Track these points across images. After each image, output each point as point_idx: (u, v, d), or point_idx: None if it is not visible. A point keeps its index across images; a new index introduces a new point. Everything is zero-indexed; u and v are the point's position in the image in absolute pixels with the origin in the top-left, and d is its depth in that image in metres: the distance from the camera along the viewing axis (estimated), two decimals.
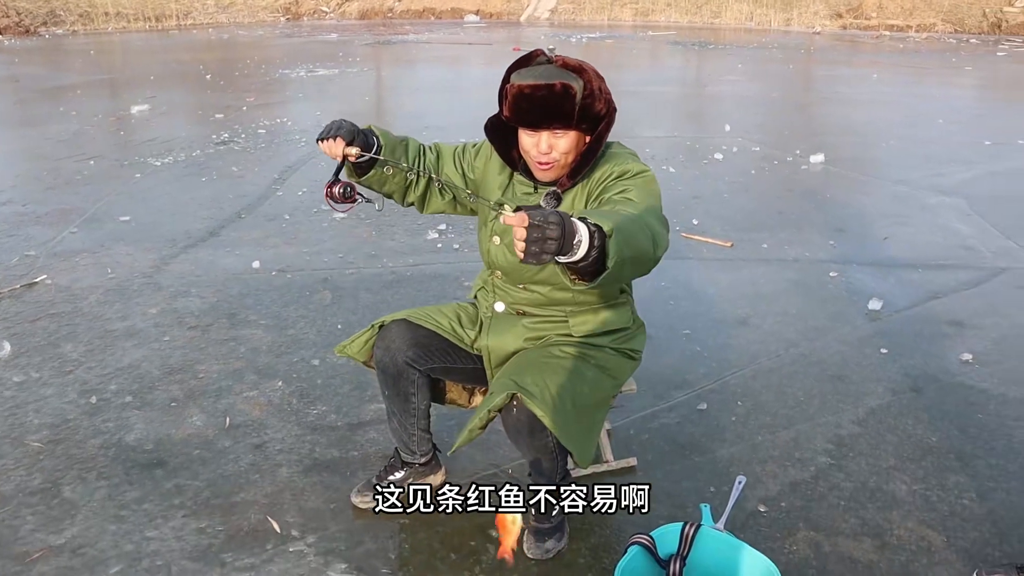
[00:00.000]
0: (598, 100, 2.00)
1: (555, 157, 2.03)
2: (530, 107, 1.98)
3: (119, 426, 2.87)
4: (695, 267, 4.40)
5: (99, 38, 19.35)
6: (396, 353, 2.24)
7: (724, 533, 2.04)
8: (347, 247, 4.70)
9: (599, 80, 2.01)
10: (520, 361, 2.14)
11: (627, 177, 2.02)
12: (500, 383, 2.04)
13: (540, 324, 2.21)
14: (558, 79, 1.95)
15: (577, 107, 1.96)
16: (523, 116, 2.01)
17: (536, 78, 1.96)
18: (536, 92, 1.95)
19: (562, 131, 2.00)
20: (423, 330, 2.26)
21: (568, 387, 2.04)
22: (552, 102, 1.96)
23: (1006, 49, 16.54)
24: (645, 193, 1.98)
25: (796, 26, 21.56)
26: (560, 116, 1.97)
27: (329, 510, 2.42)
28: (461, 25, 23.03)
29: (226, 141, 7.65)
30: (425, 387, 2.31)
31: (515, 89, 1.99)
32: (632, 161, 2.08)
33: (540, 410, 1.95)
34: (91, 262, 4.49)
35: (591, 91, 1.98)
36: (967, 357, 3.36)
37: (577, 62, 1.99)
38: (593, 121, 2.01)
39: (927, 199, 5.73)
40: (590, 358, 2.16)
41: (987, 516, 2.39)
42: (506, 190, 2.19)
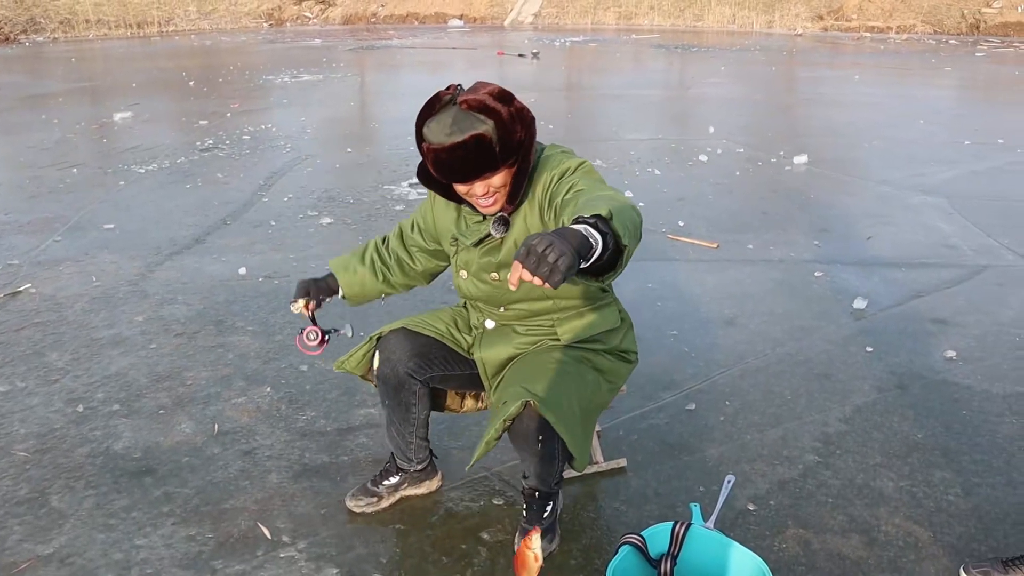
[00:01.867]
0: (514, 130, 1.91)
1: (492, 193, 1.99)
2: (451, 168, 1.92)
3: (107, 434, 2.86)
4: (681, 268, 4.42)
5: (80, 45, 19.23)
6: (397, 364, 2.23)
7: (714, 532, 2.05)
8: (334, 252, 4.68)
9: (507, 107, 1.91)
10: (524, 367, 2.13)
11: (569, 174, 1.99)
12: (511, 391, 2.02)
13: (531, 333, 2.22)
14: (468, 131, 1.86)
15: (497, 150, 1.89)
16: (449, 176, 1.96)
17: (448, 134, 1.87)
18: (452, 154, 1.88)
19: (493, 175, 1.95)
20: (423, 338, 2.26)
21: (574, 392, 2.06)
22: (470, 158, 1.89)
23: (984, 49, 16.71)
24: (591, 180, 1.95)
25: (778, 28, 21.71)
26: (483, 167, 1.91)
27: (320, 515, 2.42)
28: (445, 30, 23.04)
29: (210, 148, 7.62)
30: (426, 397, 2.31)
31: (431, 153, 1.92)
32: (568, 159, 2.03)
33: (553, 416, 1.97)
34: (75, 270, 4.46)
35: (503, 127, 1.89)
36: (951, 354, 3.39)
37: (480, 102, 1.88)
38: (516, 150, 1.94)
39: (910, 199, 5.78)
40: (589, 361, 2.17)
41: (972, 511, 2.42)
42: (457, 223, 2.18)
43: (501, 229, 2.05)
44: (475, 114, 1.88)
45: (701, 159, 6.99)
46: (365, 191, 6.07)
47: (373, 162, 7.04)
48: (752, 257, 4.61)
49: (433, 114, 1.92)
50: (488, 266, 2.13)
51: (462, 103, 1.89)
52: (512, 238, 2.07)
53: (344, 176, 6.56)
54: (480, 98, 1.89)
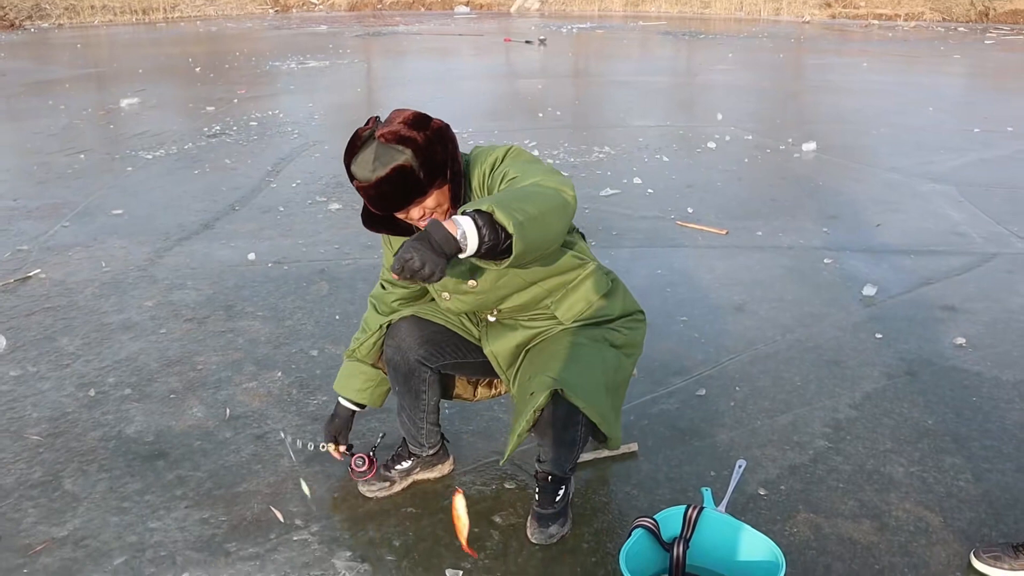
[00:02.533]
0: (433, 153, 1.92)
1: (428, 215, 1.98)
2: (382, 202, 1.93)
3: (119, 418, 2.87)
4: (690, 255, 4.42)
5: (85, 31, 19.21)
6: (407, 352, 2.24)
7: (727, 516, 2.06)
8: (343, 238, 4.70)
9: (423, 132, 1.91)
10: (543, 355, 2.13)
11: (499, 163, 2.01)
12: (537, 381, 2.02)
13: (535, 320, 2.21)
14: (390, 164, 1.87)
15: (421, 175, 1.90)
16: (383, 208, 1.96)
17: (372, 170, 1.88)
18: (380, 188, 1.89)
19: (423, 200, 1.95)
20: (433, 326, 2.26)
21: (599, 374, 2.07)
22: (398, 189, 1.90)
23: (994, 37, 16.60)
24: (520, 163, 1.97)
25: (785, 15, 21.58)
26: (412, 194, 1.92)
27: (332, 499, 2.43)
28: (451, 16, 22.96)
29: (218, 134, 7.62)
30: (436, 384, 2.31)
31: (361, 190, 1.93)
32: (493, 150, 2.04)
33: (583, 401, 1.98)
34: (85, 256, 4.48)
35: (423, 153, 1.89)
36: (960, 341, 3.39)
37: (396, 133, 1.88)
38: (440, 170, 1.94)
39: (919, 186, 5.76)
40: (604, 339, 2.17)
41: (983, 497, 2.42)
42: None
43: None
44: (394, 146, 1.88)
45: (709, 146, 6.97)
46: None
47: None
48: (761, 244, 4.60)
49: (356, 151, 1.92)
50: (462, 275, 2.10)
51: (380, 137, 1.89)
52: None
53: None
54: (395, 129, 1.89)
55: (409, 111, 1.95)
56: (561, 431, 2.08)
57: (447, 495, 2.43)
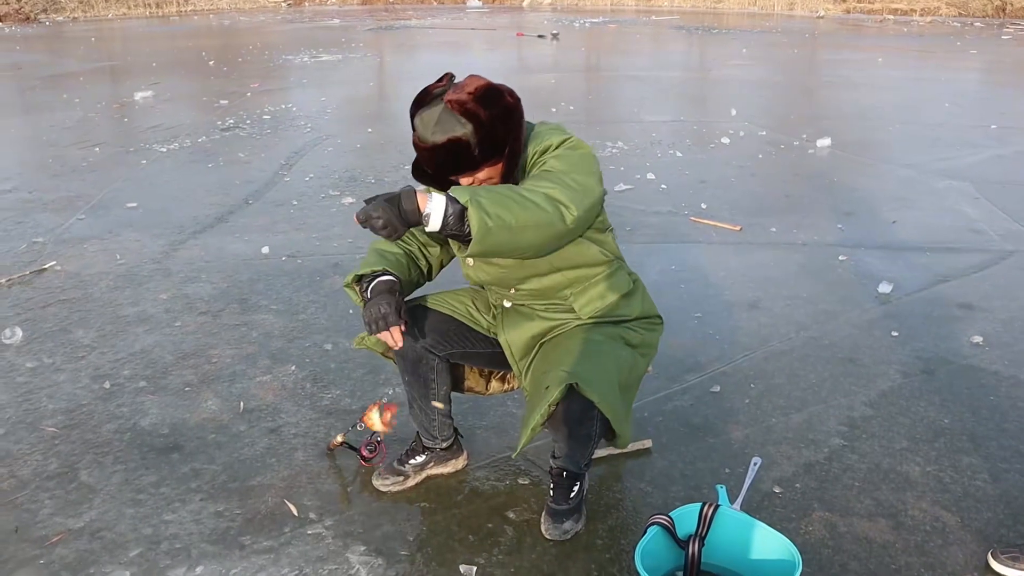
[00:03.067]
0: (495, 132, 1.92)
1: (479, 184, 1.99)
2: (433, 166, 1.96)
3: (134, 411, 2.88)
4: (704, 251, 4.40)
5: (99, 25, 19.28)
6: (415, 339, 2.24)
7: (742, 514, 2.05)
8: (356, 232, 4.70)
9: (489, 110, 1.91)
10: (558, 349, 2.12)
11: (551, 150, 2.00)
12: (553, 375, 2.02)
13: (551, 311, 2.21)
14: (448, 134, 1.88)
15: (476, 152, 1.91)
16: (434, 171, 1.98)
17: (431, 133, 1.90)
18: (433, 153, 1.92)
19: (473, 174, 1.97)
20: (440, 315, 2.27)
21: (614, 371, 2.07)
22: (449, 160, 1.92)
23: (1011, 32, 16.46)
24: (565, 160, 1.96)
25: (800, 10, 21.45)
26: (462, 167, 1.94)
27: (346, 493, 2.43)
28: (464, 10, 22.93)
29: (231, 127, 7.64)
30: (444, 372, 2.31)
31: (417, 148, 1.95)
32: (552, 135, 2.03)
33: (598, 396, 1.97)
34: (100, 248, 4.49)
35: (484, 131, 1.90)
36: (978, 339, 3.36)
37: (463, 104, 1.88)
38: (499, 149, 1.95)
39: (935, 183, 5.71)
40: (621, 338, 2.16)
41: (1000, 497, 2.40)
42: None
43: None
44: (457, 116, 1.88)
45: (723, 141, 6.94)
46: (386, 171, 6.07)
47: (393, 142, 7.03)
48: (775, 240, 4.58)
49: (423, 106, 1.93)
50: None
51: (447, 102, 1.89)
52: None
53: (365, 156, 6.56)
54: (463, 99, 1.89)
55: (484, 81, 1.94)
56: (576, 426, 2.08)
57: (461, 490, 2.43)
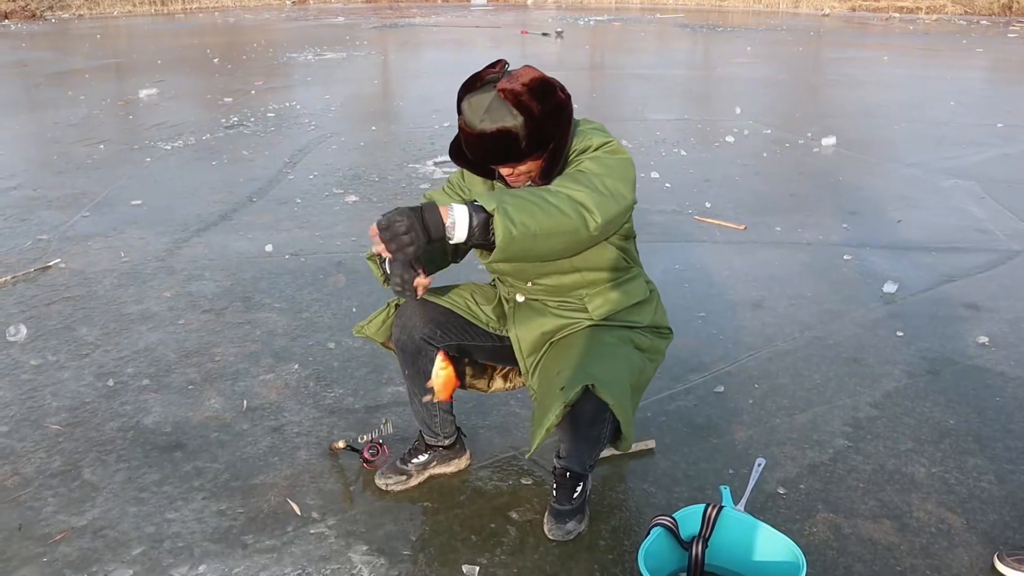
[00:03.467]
0: (544, 127, 1.92)
1: (519, 175, 2.01)
2: (477, 153, 1.96)
3: (137, 409, 2.88)
4: (709, 250, 4.39)
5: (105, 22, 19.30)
6: (413, 331, 2.23)
7: (746, 515, 2.04)
8: (359, 230, 4.70)
9: (541, 103, 1.90)
10: (570, 350, 2.11)
11: (590, 151, 2.00)
12: (568, 376, 2.01)
13: (563, 309, 2.21)
14: (497, 123, 1.88)
15: (523, 145, 1.91)
16: (476, 157, 1.99)
17: (479, 120, 1.89)
18: (479, 140, 1.91)
19: (516, 164, 1.97)
20: (439, 307, 2.26)
21: (626, 374, 2.06)
22: (495, 150, 1.92)
23: (1017, 31, 16.39)
24: (600, 163, 1.95)
25: (804, 8, 21.40)
26: (508, 158, 1.94)
27: (349, 493, 2.43)
28: (468, 8, 22.91)
29: (235, 125, 7.64)
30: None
31: (462, 132, 1.95)
32: (594, 136, 2.03)
33: (613, 399, 1.97)
34: (104, 246, 4.50)
35: (534, 125, 1.90)
36: (983, 340, 3.34)
37: (516, 95, 1.88)
38: (544, 143, 1.95)
39: (940, 182, 5.69)
40: (631, 341, 2.16)
41: (1006, 499, 2.39)
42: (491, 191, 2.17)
43: None
44: (509, 107, 1.88)
45: (728, 140, 6.92)
46: (390, 169, 6.06)
47: (397, 140, 7.03)
48: (780, 239, 4.56)
49: (473, 91, 1.93)
50: None
51: (500, 90, 1.89)
52: None
53: (369, 154, 6.56)
54: (517, 90, 1.88)
55: (538, 74, 1.94)
56: (587, 428, 2.07)
57: (464, 490, 2.43)
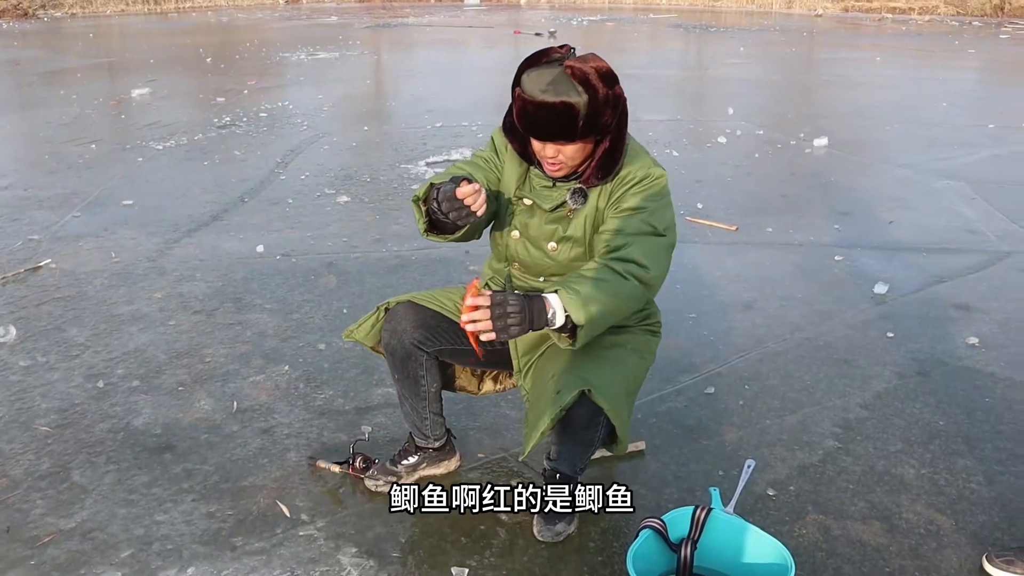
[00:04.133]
0: (604, 112, 1.94)
1: (562, 160, 2.02)
2: (533, 123, 1.96)
3: (127, 410, 2.87)
4: (700, 251, 4.39)
5: (98, 21, 19.23)
6: (403, 335, 2.23)
7: (735, 517, 2.04)
8: (351, 231, 4.69)
9: (607, 87, 1.93)
10: (569, 354, 2.10)
11: (647, 184, 2.05)
12: (564, 380, 2.01)
13: None
14: (561, 96, 1.89)
15: (580, 124, 1.92)
16: (528, 128, 1.99)
17: (542, 91, 1.90)
18: (539, 110, 1.92)
19: (566, 144, 1.98)
20: (429, 311, 2.26)
21: (621, 378, 2.07)
22: (553, 121, 1.92)
23: (1009, 32, 16.45)
24: (660, 214, 2.06)
25: (797, 8, 21.44)
26: (562, 134, 1.95)
27: (338, 494, 2.42)
28: (461, 8, 22.89)
29: (228, 125, 7.62)
30: (434, 369, 2.30)
31: (520, 101, 1.96)
32: (653, 165, 2.09)
33: (608, 404, 1.97)
34: (95, 246, 4.48)
35: (595, 106, 1.92)
36: (973, 341, 3.36)
37: (585, 74, 1.90)
38: (600, 130, 1.98)
39: (931, 182, 5.71)
40: (627, 343, 2.17)
41: (995, 500, 2.39)
42: (524, 182, 2.18)
43: (580, 200, 2.09)
44: (575, 84, 1.90)
45: (720, 141, 6.93)
46: (382, 170, 6.06)
47: (390, 140, 7.02)
48: (771, 240, 4.57)
49: (536, 66, 1.95)
50: (550, 234, 2.13)
51: (567, 67, 1.91)
52: (584, 213, 2.09)
53: (361, 154, 6.55)
54: (586, 70, 1.92)
55: (605, 63, 1.97)
56: (582, 431, 2.07)
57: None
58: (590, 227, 2.10)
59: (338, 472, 2.49)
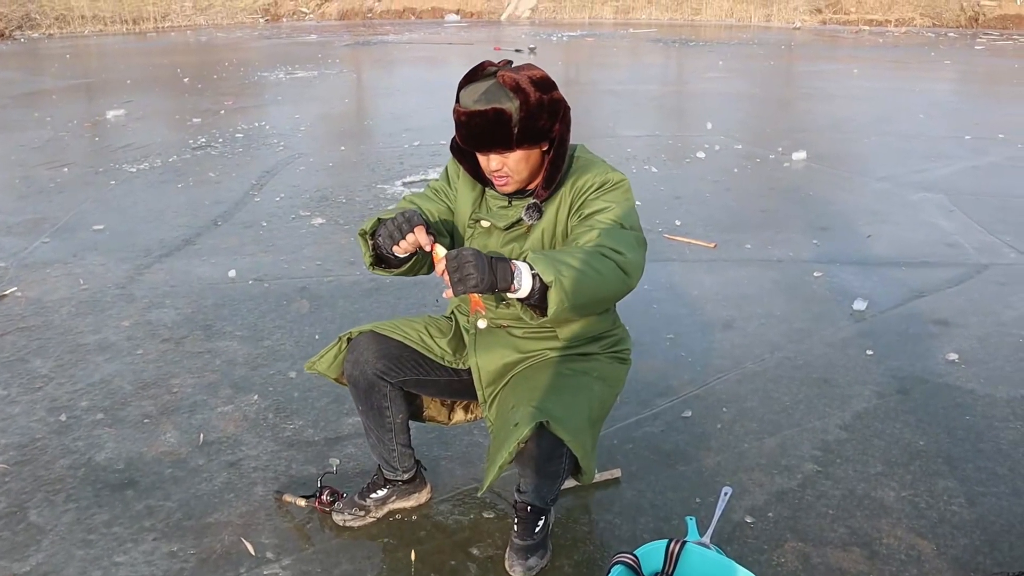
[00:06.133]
0: (539, 117, 1.93)
1: (507, 172, 2.00)
2: (468, 133, 1.96)
3: (89, 445, 2.79)
4: (678, 269, 4.35)
5: (76, 41, 19.12)
6: (365, 366, 2.17)
7: (710, 548, 1.99)
8: (325, 254, 4.63)
9: (540, 92, 1.93)
10: (528, 384, 2.06)
11: (608, 188, 2.02)
12: (523, 412, 1.95)
13: (527, 338, 2.15)
14: (492, 103, 1.89)
15: (515, 130, 1.91)
16: (466, 140, 1.99)
17: (473, 102, 1.91)
18: (471, 119, 1.92)
19: (506, 152, 1.96)
20: (392, 341, 2.20)
21: (584, 407, 2.01)
22: (487, 129, 1.92)
23: (983, 43, 16.61)
24: (626, 211, 2.00)
25: (776, 22, 21.59)
26: (497, 142, 1.94)
27: (305, 530, 2.35)
28: (442, 25, 22.93)
29: (203, 146, 7.55)
30: (399, 400, 2.24)
31: (456, 113, 1.97)
32: (611, 170, 2.07)
33: (568, 435, 1.92)
34: (63, 273, 4.39)
35: (528, 111, 1.91)
36: (953, 357, 3.32)
37: (515, 80, 1.91)
38: (537, 136, 1.96)
39: (910, 195, 5.71)
40: (592, 370, 2.12)
41: (977, 522, 2.35)
42: (479, 205, 2.14)
43: (535, 216, 2.06)
44: (506, 90, 1.90)
45: (699, 156, 6.91)
46: (358, 190, 5.99)
47: (367, 160, 6.97)
48: (750, 257, 4.54)
49: (473, 80, 1.95)
50: (508, 254, 2.08)
51: (500, 76, 1.92)
52: (541, 227, 2.06)
53: (337, 175, 6.49)
54: (517, 77, 1.92)
55: (542, 71, 1.98)
56: (544, 464, 2.01)
57: (424, 525, 2.36)
58: (548, 241, 2.06)
59: (304, 506, 2.42)
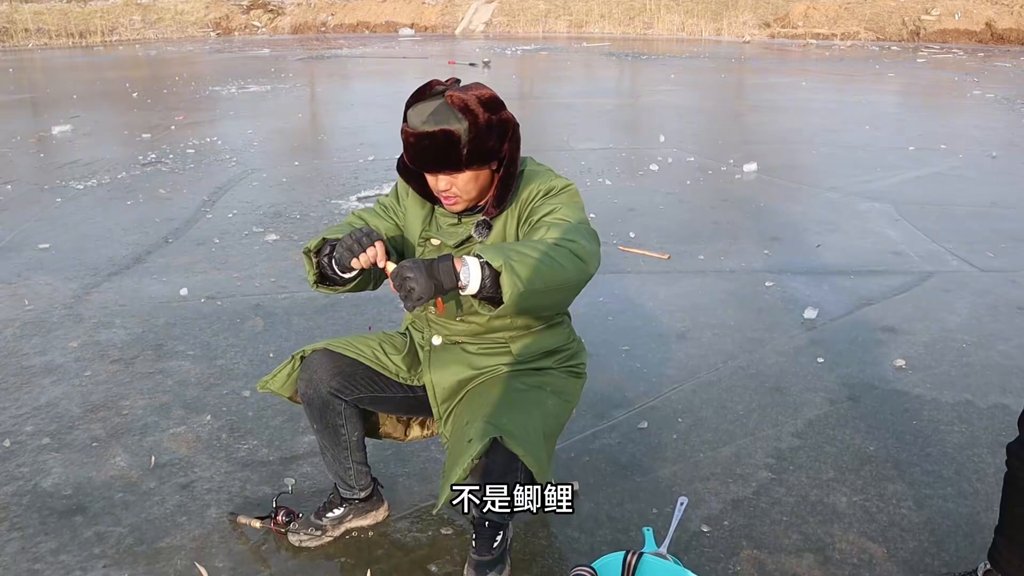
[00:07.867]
0: (488, 137, 1.94)
1: (456, 192, 2.00)
2: (417, 154, 1.96)
3: (35, 470, 2.72)
4: (633, 281, 4.39)
5: (19, 55, 18.72)
6: (319, 384, 2.15)
7: (667, 558, 2.00)
8: (279, 271, 4.58)
9: (488, 112, 1.93)
10: (481, 399, 2.06)
11: (554, 194, 2.04)
12: (476, 428, 1.95)
13: (482, 354, 2.15)
14: (441, 125, 1.89)
15: (464, 151, 1.92)
16: (414, 161, 1.99)
17: (421, 123, 1.91)
18: (420, 141, 1.92)
19: (455, 173, 1.96)
20: (346, 359, 2.18)
21: (538, 421, 2.02)
22: (436, 151, 1.92)
23: (925, 56, 17.10)
24: (573, 209, 2.01)
25: (726, 35, 21.97)
26: (446, 163, 1.94)
27: (260, 552, 2.32)
28: (396, 39, 22.91)
29: (153, 162, 7.43)
30: (355, 417, 2.22)
31: (404, 134, 1.96)
32: (555, 177, 2.08)
33: (522, 450, 1.91)
34: (7, 294, 4.28)
35: (477, 132, 1.91)
36: (900, 363, 3.40)
37: (464, 101, 1.91)
38: (486, 157, 1.96)
39: (857, 205, 5.84)
40: (547, 385, 2.12)
41: (925, 525, 2.41)
42: (429, 223, 2.14)
43: (484, 233, 2.06)
44: (454, 111, 1.90)
45: (652, 168, 6.99)
46: (312, 206, 5.95)
47: (321, 176, 6.92)
48: (703, 268, 4.60)
49: (421, 100, 1.95)
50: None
51: (448, 96, 1.91)
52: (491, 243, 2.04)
53: (291, 191, 6.43)
54: (465, 97, 1.92)
55: (490, 91, 1.98)
56: (499, 479, 2.01)
57: (382, 543, 2.34)
58: None
59: (260, 528, 2.38)
